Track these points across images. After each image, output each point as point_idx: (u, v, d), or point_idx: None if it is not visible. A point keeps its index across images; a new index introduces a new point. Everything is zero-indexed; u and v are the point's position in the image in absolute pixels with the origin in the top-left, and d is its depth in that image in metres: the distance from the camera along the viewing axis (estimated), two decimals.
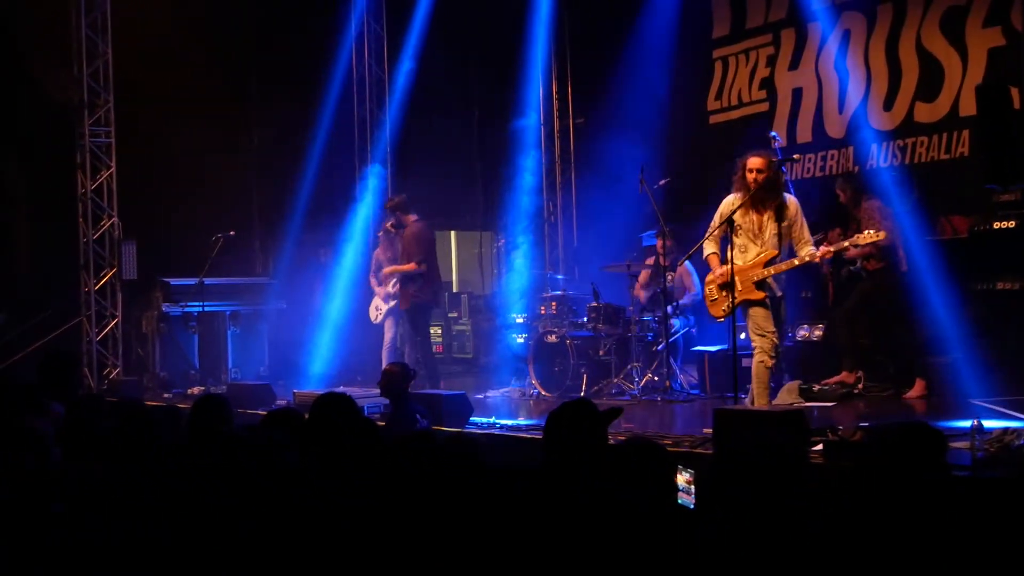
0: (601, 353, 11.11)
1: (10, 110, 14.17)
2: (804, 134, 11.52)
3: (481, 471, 3.66)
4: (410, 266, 11.06)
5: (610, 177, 12.79)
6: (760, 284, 7.99)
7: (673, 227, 10.77)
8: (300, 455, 4.35)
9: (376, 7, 14.60)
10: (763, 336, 7.97)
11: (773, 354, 7.95)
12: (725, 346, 9.93)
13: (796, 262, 8.02)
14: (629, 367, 10.81)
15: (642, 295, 11.28)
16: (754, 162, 8.00)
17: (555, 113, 13.94)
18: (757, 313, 7.99)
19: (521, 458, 7.20)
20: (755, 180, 7.94)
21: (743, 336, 8.88)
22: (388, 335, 11.86)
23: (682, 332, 11.03)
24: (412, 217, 11.23)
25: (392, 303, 11.71)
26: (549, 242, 13.87)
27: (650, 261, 11.28)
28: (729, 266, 7.91)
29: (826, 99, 11.34)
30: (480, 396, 10.85)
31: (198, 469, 4.20)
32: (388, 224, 11.46)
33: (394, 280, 11.59)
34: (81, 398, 6.28)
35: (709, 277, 8.32)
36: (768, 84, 11.90)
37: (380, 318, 11.92)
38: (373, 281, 12.05)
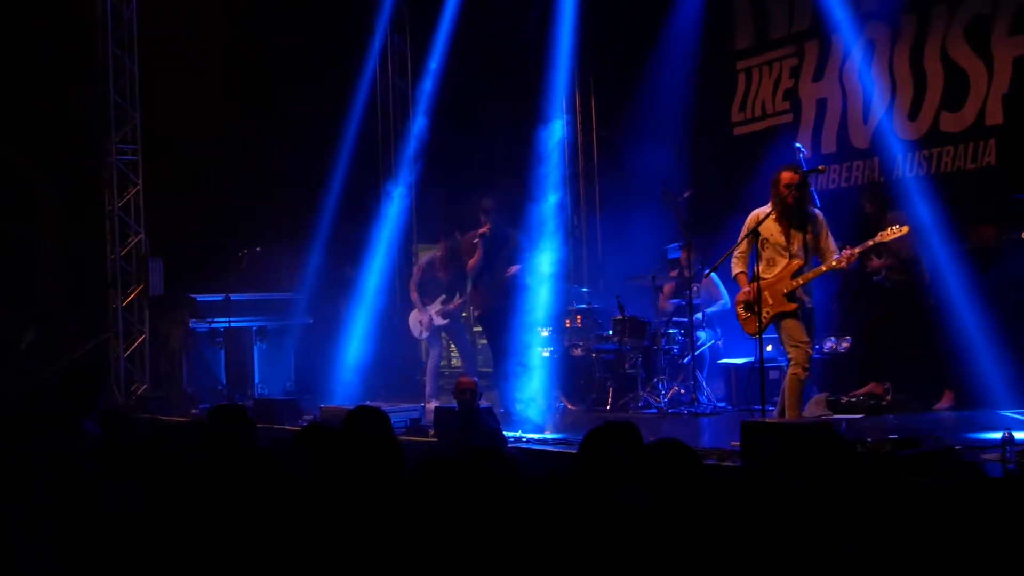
0: (627, 366, 11.09)
1: (37, 127, 14.29)
2: (829, 145, 11.48)
3: (516, 488, 3.64)
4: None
5: (634, 189, 12.79)
6: (791, 296, 7.97)
7: (698, 239, 10.76)
8: (328, 471, 4.35)
9: (399, 22, 14.66)
10: (797, 347, 7.95)
11: (807, 365, 7.94)
12: (752, 358, 9.90)
13: (824, 268, 8.00)
14: (655, 380, 10.79)
15: (668, 307, 11.26)
16: (788, 177, 8.01)
17: (579, 125, 13.94)
18: (790, 325, 7.98)
19: (548, 472, 7.18)
20: (792, 196, 7.95)
21: (769, 348, 8.86)
22: (434, 354, 11.86)
23: (708, 345, 11.01)
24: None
25: (444, 321, 11.73)
26: (574, 255, 13.86)
27: (675, 273, 11.26)
28: (757, 284, 7.89)
29: (851, 109, 11.30)
30: (504, 410, 10.82)
31: (213, 482, 4.21)
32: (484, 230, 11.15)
33: (443, 297, 11.63)
34: (105, 414, 6.30)
35: (739, 296, 8.31)
36: (792, 95, 11.87)
37: (427, 335, 11.89)
38: (415, 297, 11.96)
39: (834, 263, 7.98)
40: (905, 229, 7.99)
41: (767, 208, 8.10)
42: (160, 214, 13.54)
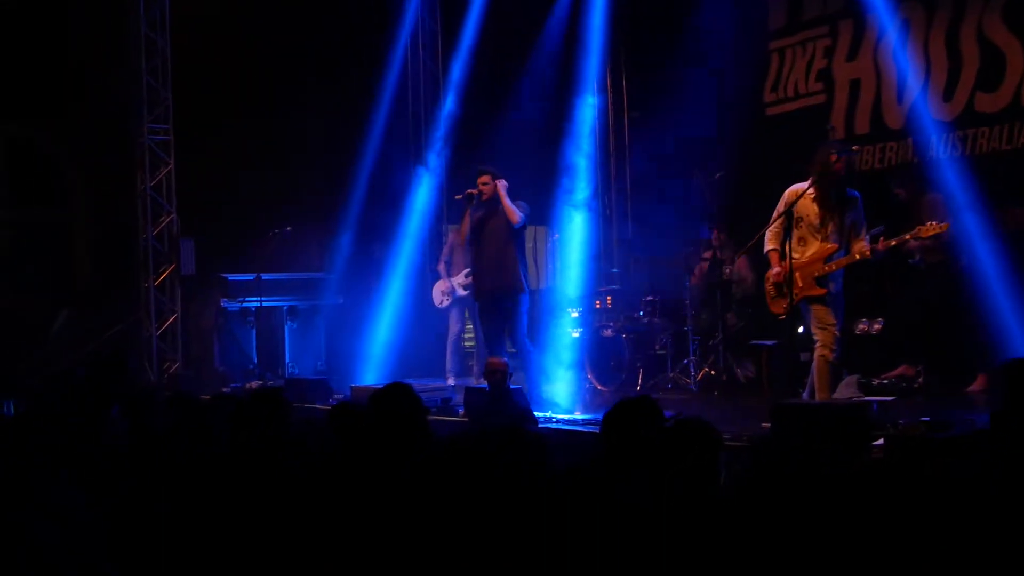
0: (657, 347, 11.07)
1: (69, 107, 14.36)
2: (862, 126, 11.39)
3: (544, 469, 3.63)
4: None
5: (665, 170, 12.73)
6: (821, 280, 7.91)
7: (729, 219, 10.71)
8: (357, 451, 4.35)
9: (431, 3, 14.64)
10: (824, 329, 7.89)
11: (835, 347, 7.88)
12: (782, 340, 9.86)
13: (857, 257, 7.93)
14: (685, 361, 10.76)
15: (698, 288, 11.23)
16: (835, 157, 7.93)
17: (610, 105, 13.90)
18: (818, 308, 7.93)
19: (579, 453, 7.19)
20: (837, 173, 7.88)
21: (800, 330, 8.81)
22: (455, 328, 11.88)
23: (739, 326, 10.97)
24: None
25: (464, 292, 11.66)
26: (604, 236, 13.83)
27: (707, 254, 11.22)
28: (788, 263, 7.83)
29: (885, 90, 11.19)
30: (535, 390, 10.81)
31: (248, 464, 4.21)
32: (472, 191, 9.82)
33: (467, 271, 11.51)
34: (137, 393, 6.34)
35: (768, 274, 8.25)
36: (825, 75, 11.77)
37: (447, 303, 11.90)
38: (442, 268, 11.99)
39: (858, 256, 7.90)
40: (945, 226, 7.90)
41: (805, 185, 8.02)
42: (192, 194, 13.59)
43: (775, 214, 8.15)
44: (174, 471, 4.22)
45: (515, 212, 9.63)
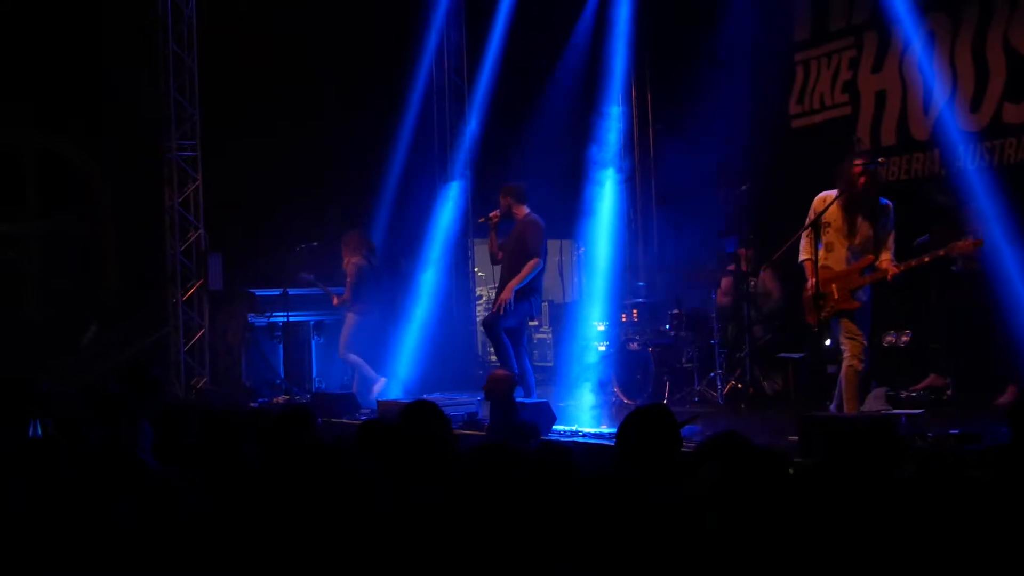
0: (683, 360, 11.05)
1: (97, 124, 14.46)
2: (888, 137, 11.35)
3: (572, 481, 3.64)
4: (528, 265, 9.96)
5: (690, 182, 12.72)
6: (856, 292, 7.88)
7: (755, 232, 10.69)
8: (389, 468, 4.36)
9: (456, 17, 14.68)
10: (852, 339, 7.86)
11: (863, 357, 7.85)
12: (809, 353, 9.83)
13: (889, 277, 7.89)
14: (712, 374, 10.74)
15: (725, 302, 11.20)
16: (860, 166, 7.92)
17: (635, 118, 13.89)
18: (847, 322, 7.90)
19: (605, 466, 7.17)
20: (861, 183, 7.85)
21: (828, 342, 8.78)
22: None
23: (765, 339, 10.94)
24: (524, 210, 10.24)
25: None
26: (630, 249, 13.81)
27: (732, 267, 11.20)
28: (817, 276, 7.78)
29: (911, 101, 11.15)
30: (562, 404, 10.81)
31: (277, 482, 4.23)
32: (492, 214, 10.31)
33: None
34: (168, 407, 6.36)
35: (808, 287, 8.16)
36: (851, 87, 11.74)
37: None
38: None
39: (883, 269, 7.87)
40: (981, 242, 7.89)
41: (834, 193, 8.00)
42: (219, 209, 13.66)
43: (807, 222, 8.13)
44: (206, 485, 4.24)
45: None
